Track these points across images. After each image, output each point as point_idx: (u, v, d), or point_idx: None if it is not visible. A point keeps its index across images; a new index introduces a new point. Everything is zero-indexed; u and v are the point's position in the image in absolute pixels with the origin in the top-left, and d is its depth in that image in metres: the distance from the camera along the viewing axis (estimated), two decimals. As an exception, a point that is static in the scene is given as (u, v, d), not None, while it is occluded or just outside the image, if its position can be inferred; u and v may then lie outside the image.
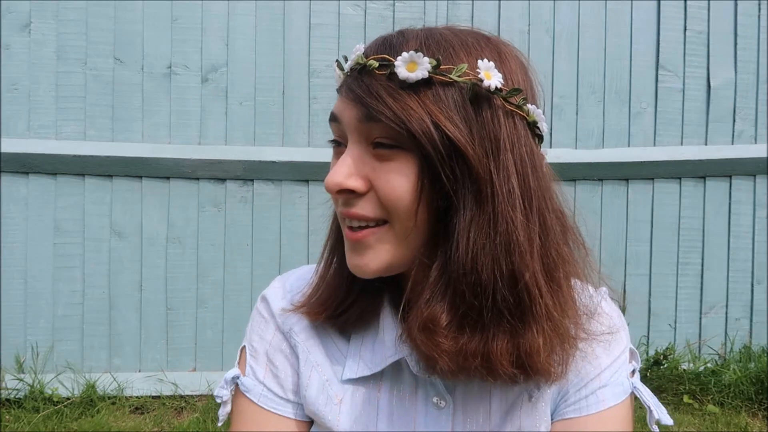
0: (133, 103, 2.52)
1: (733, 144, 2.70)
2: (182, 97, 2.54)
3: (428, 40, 0.55)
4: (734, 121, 2.70)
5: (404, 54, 0.53)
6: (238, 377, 0.69)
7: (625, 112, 2.69)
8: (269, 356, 0.68)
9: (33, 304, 2.49)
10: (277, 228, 2.59)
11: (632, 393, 0.64)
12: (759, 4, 2.68)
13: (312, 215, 2.56)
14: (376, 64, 0.55)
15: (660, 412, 0.65)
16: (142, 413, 2.40)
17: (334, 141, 0.61)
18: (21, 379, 2.42)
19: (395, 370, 0.63)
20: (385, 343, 0.63)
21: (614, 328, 0.64)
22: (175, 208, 2.55)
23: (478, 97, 0.53)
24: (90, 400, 2.40)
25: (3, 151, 2.42)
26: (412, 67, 0.53)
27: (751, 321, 2.73)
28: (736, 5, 2.67)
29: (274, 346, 0.69)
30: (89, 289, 2.52)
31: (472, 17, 2.62)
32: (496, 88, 0.53)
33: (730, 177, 2.70)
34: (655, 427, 0.66)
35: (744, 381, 2.45)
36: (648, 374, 2.55)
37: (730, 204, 2.71)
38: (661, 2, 2.67)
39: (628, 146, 2.69)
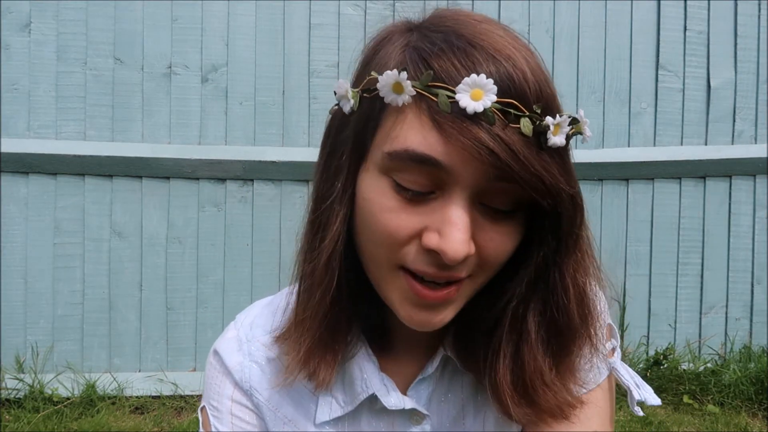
0: (133, 103, 2.52)
1: (733, 144, 2.70)
2: (182, 97, 2.54)
3: (539, 85, 0.48)
4: (734, 121, 2.70)
5: (558, 117, 0.48)
6: None
7: (625, 112, 2.69)
8: (233, 413, 0.64)
9: (33, 304, 2.49)
10: (277, 228, 2.59)
11: (611, 374, 0.62)
12: (759, 4, 2.68)
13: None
14: (527, 123, 0.46)
15: (643, 392, 0.62)
16: (142, 413, 2.39)
17: (408, 190, 0.49)
18: (21, 380, 2.42)
19: (370, 401, 0.61)
20: (353, 377, 0.60)
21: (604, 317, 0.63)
22: (175, 208, 2.55)
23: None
24: (90, 400, 2.40)
25: (3, 151, 2.42)
26: (556, 130, 0.48)
27: (751, 321, 2.73)
28: (736, 5, 2.67)
29: (237, 401, 0.64)
30: (89, 289, 2.52)
31: (472, 17, 2.61)
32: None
33: (730, 177, 2.70)
34: (638, 409, 0.62)
35: (744, 381, 2.45)
36: (648, 374, 2.55)
37: (730, 204, 2.71)
38: (661, 2, 2.67)
39: (628, 146, 2.69)
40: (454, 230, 0.47)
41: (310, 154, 2.52)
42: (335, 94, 0.53)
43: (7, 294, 2.47)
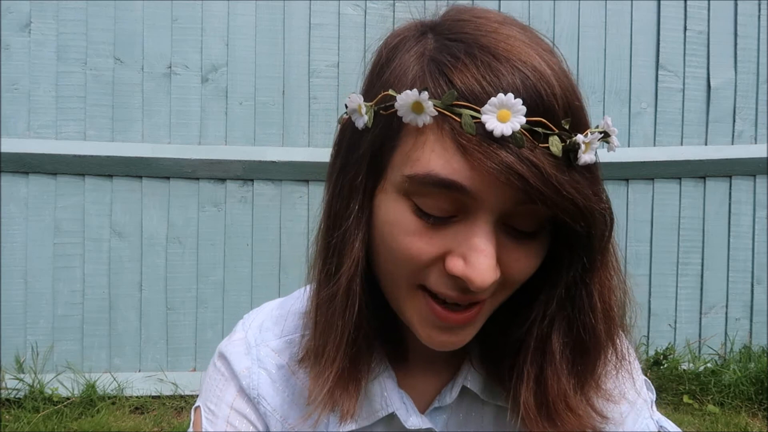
0: (133, 103, 2.52)
1: (733, 144, 2.70)
2: (182, 97, 2.54)
3: (567, 98, 0.45)
4: (734, 121, 2.70)
5: (589, 135, 0.45)
6: None
7: (625, 112, 2.69)
8: (230, 421, 0.60)
9: (33, 304, 2.49)
10: (277, 228, 2.59)
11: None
12: (759, 4, 2.68)
13: (312, 215, 2.55)
14: (556, 142, 0.43)
15: None
16: (142, 413, 2.39)
17: (430, 216, 0.46)
18: (21, 379, 2.42)
19: (387, 417, 0.58)
20: (373, 393, 0.57)
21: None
22: (175, 208, 2.55)
23: None
24: (90, 400, 2.40)
25: (3, 151, 2.42)
26: (587, 147, 0.45)
27: (751, 321, 2.73)
28: (736, 5, 2.67)
29: (236, 409, 0.60)
30: (89, 289, 2.52)
31: (472, 17, 2.62)
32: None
33: (730, 177, 2.70)
34: None
35: (744, 381, 2.45)
36: (648, 374, 2.54)
37: (730, 204, 2.71)
38: (661, 2, 2.67)
39: (628, 146, 2.69)
40: (480, 257, 0.44)
41: (310, 154, 2.52)
42: (346, 107, 0.50)
43: (7, 294, 2.47)
